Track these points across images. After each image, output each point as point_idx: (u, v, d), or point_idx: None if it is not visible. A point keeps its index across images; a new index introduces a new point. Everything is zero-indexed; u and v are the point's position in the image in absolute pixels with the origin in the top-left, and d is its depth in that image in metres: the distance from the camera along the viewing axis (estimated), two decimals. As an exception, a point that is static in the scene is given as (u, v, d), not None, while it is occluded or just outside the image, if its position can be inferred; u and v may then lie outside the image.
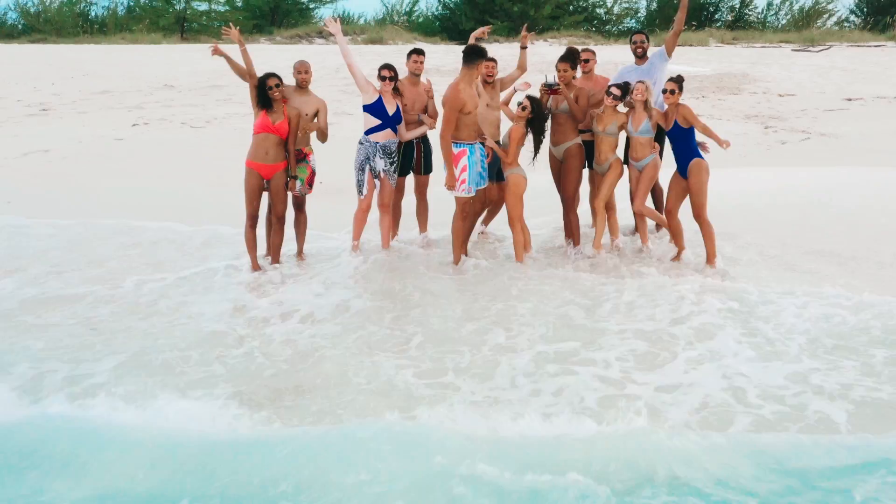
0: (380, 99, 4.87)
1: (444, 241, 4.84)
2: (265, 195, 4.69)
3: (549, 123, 4.84)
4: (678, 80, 4.68)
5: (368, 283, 4.32)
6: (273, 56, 13.55)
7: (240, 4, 40.70)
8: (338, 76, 12.03)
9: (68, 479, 2.49)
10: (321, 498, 2.39)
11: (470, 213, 4.76)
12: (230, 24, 5.49)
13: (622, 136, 4.85)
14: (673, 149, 4.68)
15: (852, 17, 58.86)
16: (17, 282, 4.26)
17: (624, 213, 5.08)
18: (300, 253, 4.86)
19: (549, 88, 4.81)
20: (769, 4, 68.73)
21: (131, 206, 5.90)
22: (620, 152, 4.88)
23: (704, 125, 4.62)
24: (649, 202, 4.90)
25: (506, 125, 4.94)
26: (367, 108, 4.91)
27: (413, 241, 5.03)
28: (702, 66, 15.41)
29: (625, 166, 4.87)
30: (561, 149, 4.90)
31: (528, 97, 4.70)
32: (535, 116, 4.70)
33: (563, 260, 4.62)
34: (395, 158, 4.95)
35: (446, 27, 51.24)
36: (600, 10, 45.90)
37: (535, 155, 4.79)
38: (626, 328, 3.61)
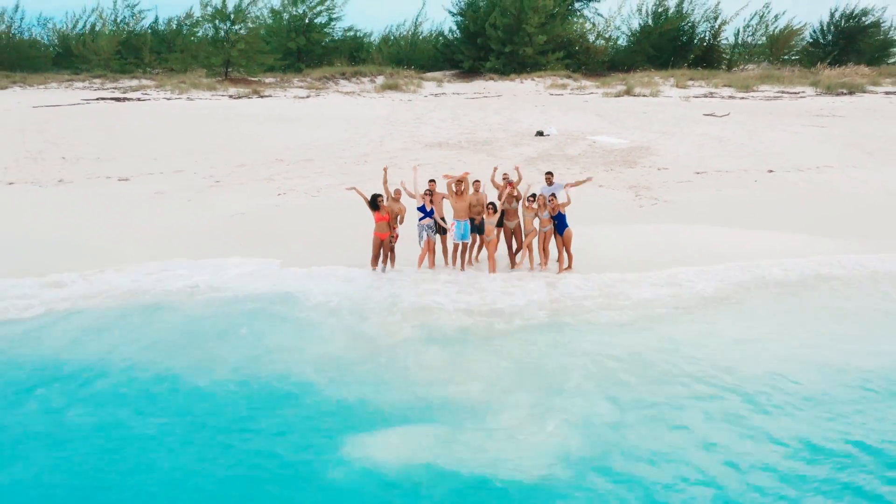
0: (423, 205, 11.85)
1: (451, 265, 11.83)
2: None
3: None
4: (552, 198, 11.69)
5: (420, 273, 11.28)
6: (327, 108, 20.54)
7: (272, 43, 47.73)
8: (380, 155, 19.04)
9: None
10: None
11: (463, 250, 11.77)
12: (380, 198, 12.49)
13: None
14: (559, 224, 11.64)
15: (813, 39, 65.74)
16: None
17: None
18: (391, 263, 11.80)
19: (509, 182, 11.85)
20: (744, 27, 75.67)
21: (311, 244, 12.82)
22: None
23: (565, 203, 11.58)
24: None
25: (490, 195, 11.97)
26: (418, 209, 11.88)
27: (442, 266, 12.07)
28: (626, 137, 22.46)
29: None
30: (512, 223, 11.89)
31: (501, 210, 11.71)
32: (501, 215, 11.72)
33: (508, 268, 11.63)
34: (435, 229, 11.90)
35: (447, 58, 58.87)
36: (578, 47, 53.17)
37: (499, 227, 11.77)
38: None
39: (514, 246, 11.96)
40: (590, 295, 10.44)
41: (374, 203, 11.55)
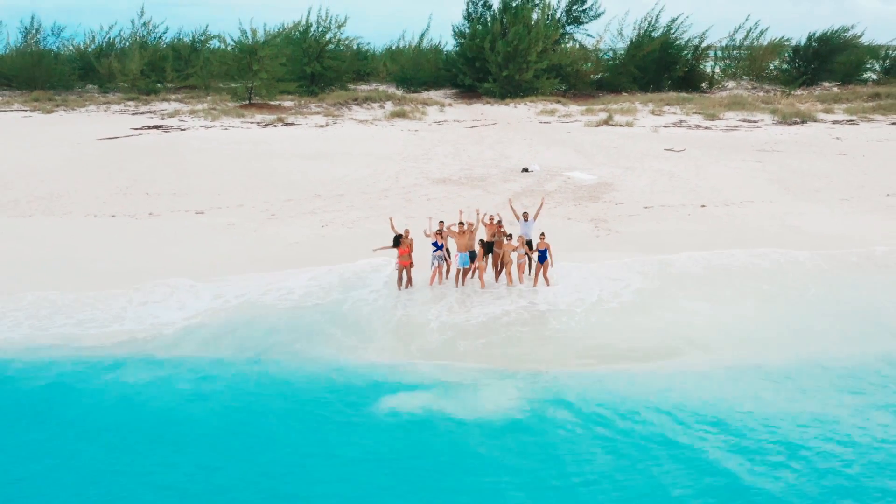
0: (436, 241, 16.94)
1: (454, 283, 16.89)
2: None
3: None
4: (542, 236, 16.74)
5: (432, 289, 16.30)
6: (350, 143, 25.56)
7: (288, 68, 52.60)
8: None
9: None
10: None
11: (464, 273, 16.84)
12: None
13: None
14: (540, 255, 16.68)
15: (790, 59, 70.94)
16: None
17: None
18: (410, 283, 16.85)
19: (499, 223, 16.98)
20: (729, 39, 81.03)
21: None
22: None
23: (542, 246, 16.69)
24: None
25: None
26: (433, 244, 16.97)
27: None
28: (595, 172, 27.50)
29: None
30: (499, 250, 16.96)
31: (487, 242, 16.80)
32: (488, 247, 16.78)
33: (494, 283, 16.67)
34: (445, 257, 16.94)
35: (449, 79, 64.18)
36: (569, 71, 58.14)
37: (487, 254, 16.83)
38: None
39: (500, 268, 17.04)
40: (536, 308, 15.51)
41: (397, 242, 16.58)
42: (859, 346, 13.75)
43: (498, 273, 17.15)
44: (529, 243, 17.02)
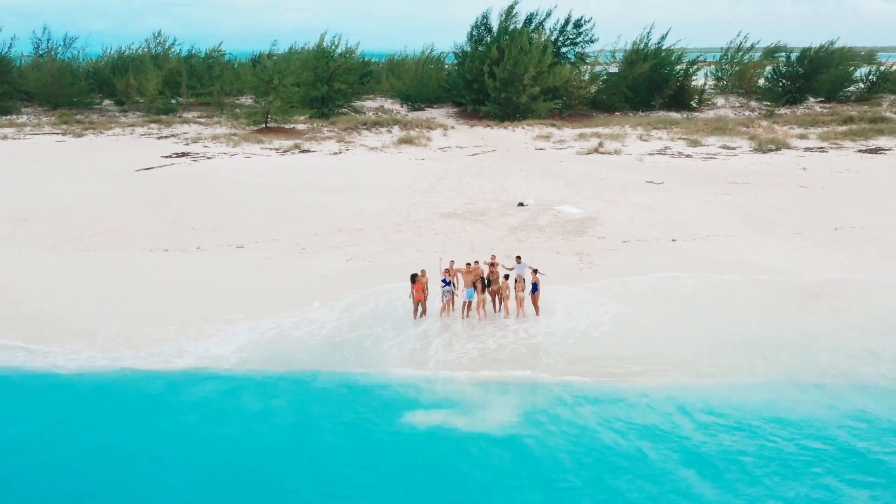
0: (445, 278, 20.62)
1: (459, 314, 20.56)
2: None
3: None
4: (534, 272, 20.42)
5: (439, 320, 19.94)
6: (364, 175, 29.18)
7: (300, 92, 56.23)
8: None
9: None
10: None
11: (468, 305, 20.51)
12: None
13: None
14: (533, 287, 20.33)
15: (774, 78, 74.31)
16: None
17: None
18: (424, 313, 20.51)
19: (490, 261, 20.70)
20: (722, 55, 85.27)
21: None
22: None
23: (534, 280, 20.39)
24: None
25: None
26: (442, 280, 20.62)
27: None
28: (583, 205, 31.13)
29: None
30: (495, 287, 20.64)
31: (485, 280, 20.50)
32: (484, 282, 20.47)
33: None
34: (453, 291, 20.59)
35: (450, 97, 67.97)
36: (564, 93, 61.78)
37: (484, 289, 20.50)
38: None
39: (498, 301, 20.72)
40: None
41: (413, 279, 20.23)
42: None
43: (495, 305, 20.80)
44: (506, 278, 20.60)
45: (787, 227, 28.47)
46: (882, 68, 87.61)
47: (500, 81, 57.99)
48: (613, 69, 72.08)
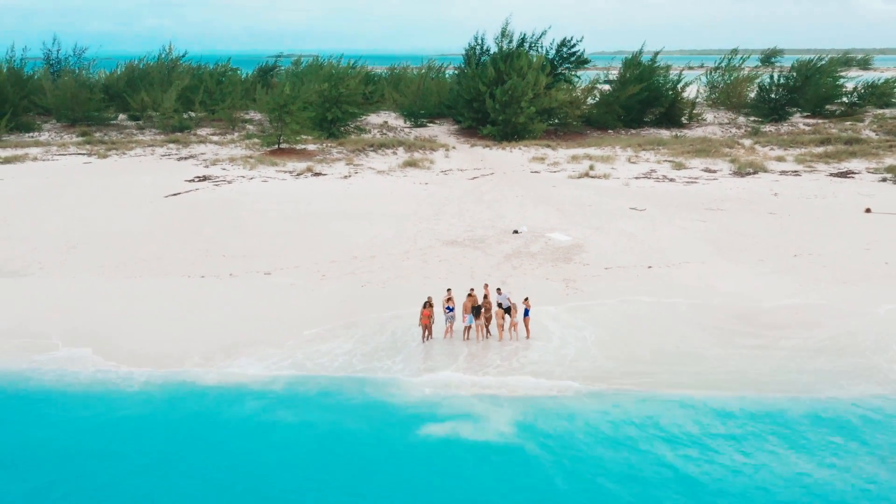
0: (449, 306, 24.16)
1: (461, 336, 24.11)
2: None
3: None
4: (526, 300, 23.99)
5: (443, 340, 23.47)
6: (374, 201, 32.73)
7: (311, 114, 59.71)
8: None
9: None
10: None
11: (468, 329, 24.06)
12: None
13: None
14: (525, 311, 23.87)
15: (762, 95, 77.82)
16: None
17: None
18: (430, 336, 24.03)
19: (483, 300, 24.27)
20: (714, 69, 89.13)
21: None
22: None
23: (523, 307, 23.98)
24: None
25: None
26: (446, 308, 24.16)
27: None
28: (572, 232, 34.65)
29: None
30: (488, 314, 24.21)
31: (477, 307, 24.06)
32: (476, 309, 24.02)
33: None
34: (453, 315, 24.12)
35: (451, 114, 71.70)
36: (559, 113, 65.30)
37: (477, 316, 24.04)
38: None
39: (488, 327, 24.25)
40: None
41: (425, 305, 23.75)
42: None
43: (486, 328, 24.26)
44: (508, 310, 24.11)
45: (752, 253, 31.99)
46: (869, 80, 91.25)
47: (500, 103, 61.51)
48: (612, 73, 75.88)
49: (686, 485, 16.61)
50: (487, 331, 24.20)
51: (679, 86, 75.17)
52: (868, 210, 38.25)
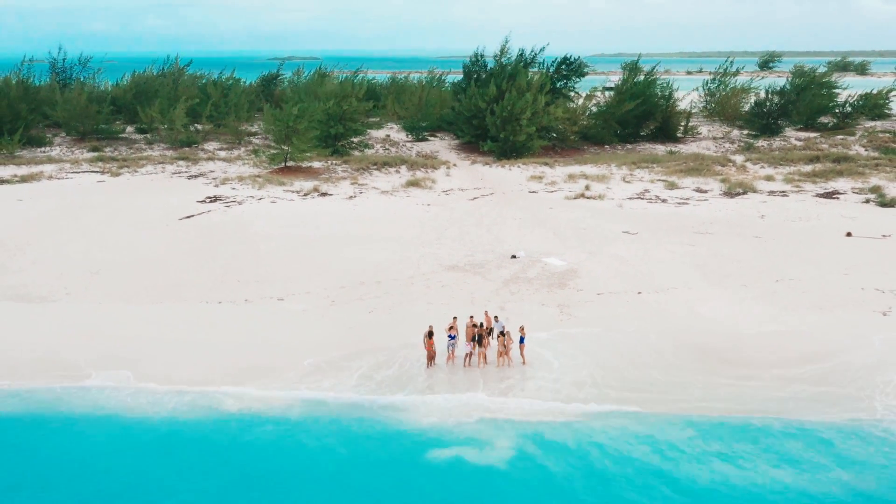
0: (451, 334, 26.12)
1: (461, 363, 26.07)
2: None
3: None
4: (521, 328, 25.97)
5: (443, 368, 25.42)
6: (379, 225, 34.69)
7: (316, 131, 61.57)
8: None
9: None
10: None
11: (469, 355, 26.02)
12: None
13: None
14: (521, 338, 25.84)
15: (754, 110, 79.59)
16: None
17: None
18: (434, 363, 25.96)
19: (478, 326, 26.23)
20: (710, 80, 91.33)
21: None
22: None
23: (519, 334, 25.94)
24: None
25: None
26: (448, 336, 26.13)
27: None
28: (567, 257, 36.58)
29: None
30: (485, 342, 26.19)
31: (479, 336, 26.03)
32: (479, 338, 26.00)
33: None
34: (455, 342, 26.08)
35: (451, 131, 73.53)
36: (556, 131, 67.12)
37: (479, 343, 26.02)
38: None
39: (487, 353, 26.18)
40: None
41: (430, 335, 25.69)
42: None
43: (482, 354, 26.16)
44: (502, 334, 26.02)
45: (736, 278, 33.93)
46: (865, 85, 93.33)
47: (499, 119, 63.47)
48: (612, 79, 77.95)
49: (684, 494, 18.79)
50: (485, 358, 26.15)
51: (673, 101, 77.15)
52: (849, 234, 40.18)
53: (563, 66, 76.52)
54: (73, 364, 25.70)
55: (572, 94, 77.41)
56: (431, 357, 25.87)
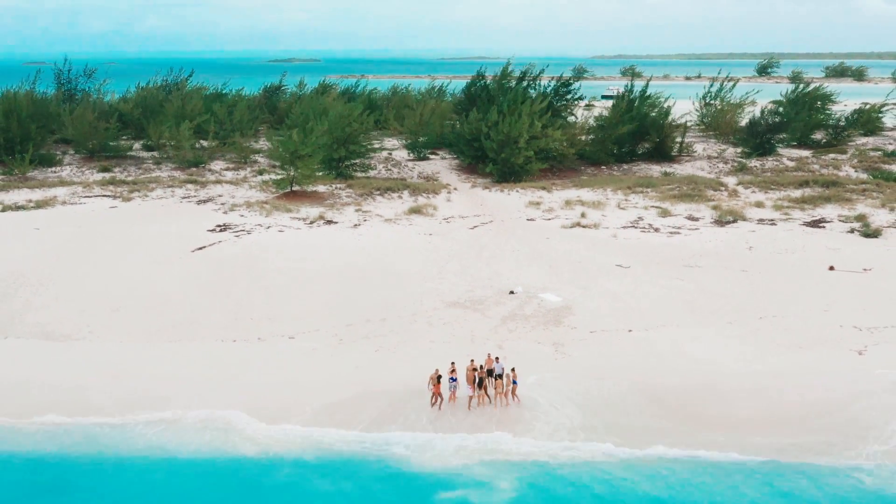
0: (452, 376, 28.06)
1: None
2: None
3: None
4: (513, 370, 27.95)
5: (448, 407, 27.35)
6: (383, 256, 36.64)
7: (320, 154, 63.34)
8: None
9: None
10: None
11: (471, 397, 27.95)
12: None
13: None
14: (513, 382, 27.80)
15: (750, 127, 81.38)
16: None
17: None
18: (441, 407, 27.87)
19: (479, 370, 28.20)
20: (706, 92, 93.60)
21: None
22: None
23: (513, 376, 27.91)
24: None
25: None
26: (450, 378, 28.07)
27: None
28: (562, 292, 38.49)
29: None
30: (485, 384, 28.15)
31: (479, 379, 27.99)
32: (480, 381, 27.97)
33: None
34: (457, 384, 28.01)
35: (452, 151, 75.41)
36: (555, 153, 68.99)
37: (480, 386, 27.96)
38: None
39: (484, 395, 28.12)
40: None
41: (437, 379, 27.62)
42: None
43: (481, 397, 28.08)
44: (500, 376, 27.96)
45: (722, 315, 35.87)
46: (860, 93, 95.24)
47: (497, 143, 65.41)
48: (611, 87, 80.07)
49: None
50: (487, 397, 28.09)
51: (669, 120, 79.01)
52: (832, 268, 42.09)
53: (563, 89, 78.67)
54: (100, 405, 27.64)
55: (568, 111, 79.68)
56: (437, 399, 27.78)
